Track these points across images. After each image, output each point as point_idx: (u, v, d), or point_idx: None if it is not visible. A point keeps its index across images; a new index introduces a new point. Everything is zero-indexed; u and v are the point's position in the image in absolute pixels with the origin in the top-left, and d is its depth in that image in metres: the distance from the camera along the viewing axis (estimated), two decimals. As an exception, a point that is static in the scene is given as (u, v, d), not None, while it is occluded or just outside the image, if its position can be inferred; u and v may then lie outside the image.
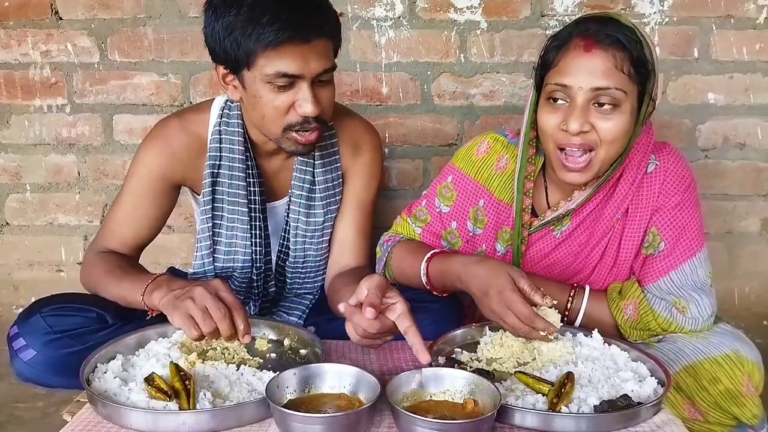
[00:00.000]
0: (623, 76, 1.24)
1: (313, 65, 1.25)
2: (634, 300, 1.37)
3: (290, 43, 1.21)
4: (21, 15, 2.12)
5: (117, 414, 0.98)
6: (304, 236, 1.50)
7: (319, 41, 1.25)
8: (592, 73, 1.24)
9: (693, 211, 1.38)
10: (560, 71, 1.27)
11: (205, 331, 1.10)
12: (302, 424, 0.92)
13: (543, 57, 1.32)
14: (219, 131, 1.42)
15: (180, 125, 1.45)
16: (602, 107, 1.25)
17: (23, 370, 1.30)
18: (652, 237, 1.39)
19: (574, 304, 1.40)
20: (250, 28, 1.21)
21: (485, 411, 0.97)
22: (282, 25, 1.20)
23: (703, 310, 1.35)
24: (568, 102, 1.27)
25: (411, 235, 1.54)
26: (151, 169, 1.43)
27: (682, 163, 1.40)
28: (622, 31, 1.25)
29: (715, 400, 1.24)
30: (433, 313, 1.35)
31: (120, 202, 1.46)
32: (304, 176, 1.47)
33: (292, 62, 1.23)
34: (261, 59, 1.23)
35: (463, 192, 1.49)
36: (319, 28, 1.25)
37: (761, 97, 2.11)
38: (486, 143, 1.49)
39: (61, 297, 1.39)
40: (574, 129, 1.25)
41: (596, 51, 1.24)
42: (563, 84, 1.26)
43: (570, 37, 1.27)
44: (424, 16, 2.09)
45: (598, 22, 1.27)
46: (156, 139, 1.45)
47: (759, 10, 2.06)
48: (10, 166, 2.23)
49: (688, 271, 1.36)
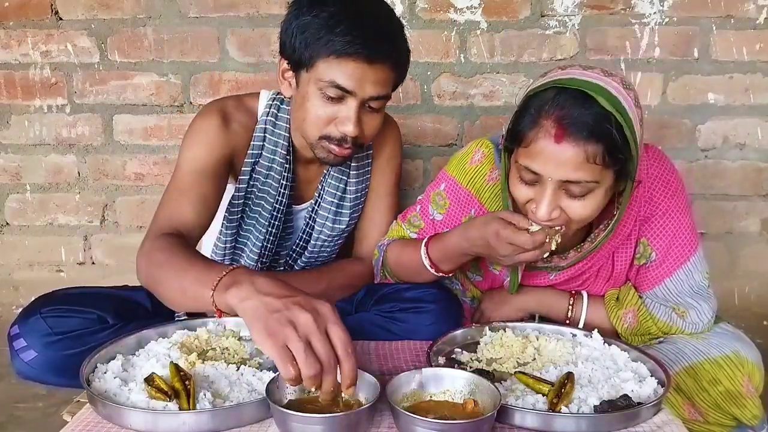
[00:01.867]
0: (596, 168, 1.13)
1: (368, 87, 1.27)
2: (633, 307, 1.37)
3: (353, 58, 1.24)
4: (21, 15, 2.13)
5: (117, 414, 0.98)
6: (326, 240, 1.56)
7: (381, 66, 1.27)
8: (561, 165, 1.13)
9: (682, 216, 1.35)
10: (530, 155, 1.17)
11: (306, 375, 0.89)
12: (302, 424, 0.92)
13: (513, 129, 1.21)
14: (264, 128, 1.46)
15: (236, 102, 1.48)
16: (572, 193, 1.17)
17: (24, 369, 1.30)
18: (643, 248, 1.37)
19: (574, 314, 1.40)
20: (323, 32, 1.24)
21: (485, 411, 0.96)
22: (352, 39, 1.23)
23: (704, 315, 1.35)
24: (537, 183, 1.19)
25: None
26: (210, 140, 1.41)
27: (666, 167, 1.35)
28: (597, 117, 1.11)
29: (715, 400, 1.24)
30: (433, 313, 1.35)
31: (176, 180, 1.38)
32: (338, 184, 1.53)
33: (349, 77, 1.26)
34: (321, 64, 1.26)
35: (455, 201, 1.46)
36: (386, 54, 1.27)
37: (761, 97, 2.11)
38: (480, 152, 1.43)
39: (62, 296, 1.37)
40: (542, 216, 1.18)
41: (566, 144, 1.12)
42: (533, 171, 1.17)
43: (541, 115, 1.15)
44: (424, 16, 2.09)
45: (574, 101, 1.13)
46: (214, 113, 1.43)
47: (759, 10, 2.06)
48: (10, 166, 2.23)
49: (683, 277, 1.36)
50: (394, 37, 1.30)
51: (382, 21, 1.30)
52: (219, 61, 2.13)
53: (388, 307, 1.41)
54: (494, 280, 1.50)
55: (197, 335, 1.23)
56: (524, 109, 1.19)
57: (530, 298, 1.45)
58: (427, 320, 1.34)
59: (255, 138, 1.46)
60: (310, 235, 1.57)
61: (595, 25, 2.07)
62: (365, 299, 1.50)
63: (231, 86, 2.14)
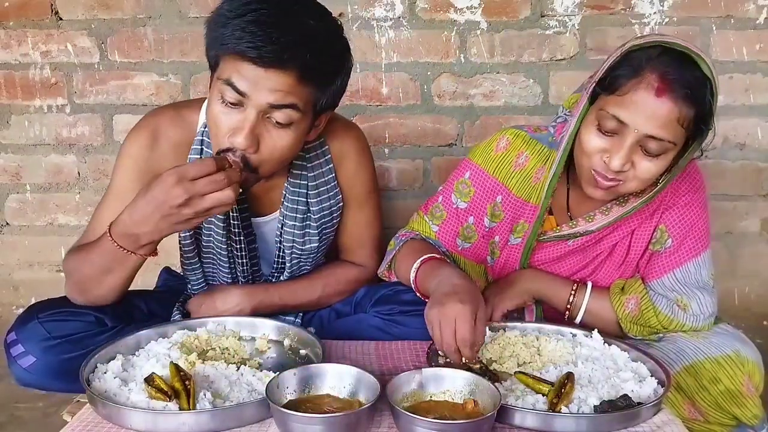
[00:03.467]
0: (681, 130, 1.19)
1: (263, 93, 1.14)
2: (636, 295, 1.38)
3: (249, 58, 1.12)
4: (21, 15, 2.12)
5: (117, 414, 0.98)
6: (299, 257, 1.46)
7: (278, 72, 1.13)
8: (653, 119, 1.17)
9: (701, 212, 1.40)
10: (622, 104, 1.19)
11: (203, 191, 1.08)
12: (302, 424, 0.92)
13: (609, 76, 1.22)
14: (202, 140, 1.35)
15: (171, 118, 1.37)
16: (648, 150, 1.21)
17: (23, 375, 1.28)
18: (660, 233, 1.40)
19: (576, 300, 1.40)
20: (219, 26, 1.15)
21: (485, 411, 0.97)
22: (250, 38, 1.11)
23: (705, 308, 1.35)
24: (617, 134, 1.21)
25: (427, 233, 1.52)
26: (134, 164, 1.34)
27: (693, 164, 1.40)
28: (698, 82, 1.17)
29: (716, 400, 1.24)
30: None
31: (102, 205, 1.36)
32: (297, 198, 1.40)
33: (243, 78, 1.14)
34: (222, 62, 1.17)
35: (481, 188, 1.46)
36: (284, 61, 1.13)
37: (761, 97, 2.11)
38: (506, 139, 1.45)
39: (58, 301, 1.35)
40: (615, 167, 1.21)
41: (666, 99, 1.16)
42: (620, 120, 1.19)
43: (644, 68, 1.18)
44: (424, 17, 2.09)
45: (679, 62, 1.17)
46: (144, 130, 1.36)
47: (759, 10, 2.06)
48: (10, 166, 2.23)
49: (692, 270, 1.38)
50: (302, 46, 1.13)
51: (293, 26, 1.14)
52: (219, 61, 2.13)
53: (388, 309, 1.41)
54: (508, 259, 1.49)
55: (197, 335, 1.23)
56: (625, 60, 1.22)
57: (534, 283, 1.45)
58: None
59: (193, 150, 1.35)
60: (284, 252, 1.46)
61: (595, 25, 2.07)
62: (364, 300, 1.49)
63: (231, 86, 2.13)
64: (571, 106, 1.39)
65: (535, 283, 1.45)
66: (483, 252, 1.49)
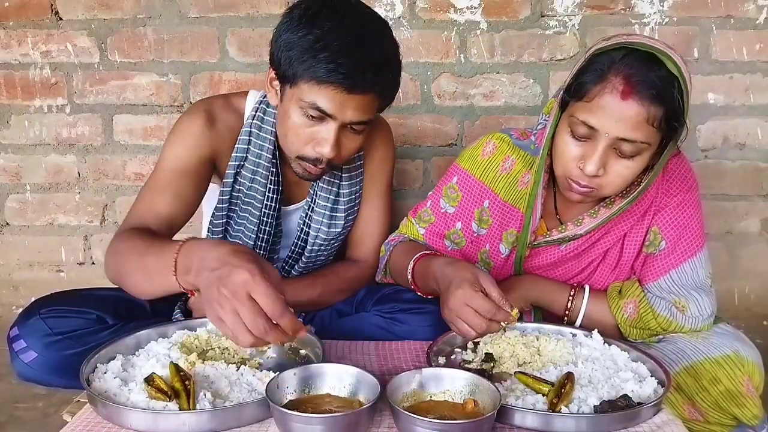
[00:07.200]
0: (652, 130, 1.18)
1: (350, 114, 1.25)
2: (634, 299, 1.38)
3: (333, 86, 1.22)
4: (21, 15, 2.13)
5: (117, 414, 0.98)
6: (322, 243, 1.54)
7: (363, 95, 1.25)
8: (622, 122, 1.17)
9: (694, 211, 1.39)
10: (590, 110, 1.20)
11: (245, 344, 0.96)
12: (302, 424, 0.92)
13: (576, 82, 1.23)
14: (250, 131, 1.45)
15: (223, 102, 1.47)
16: (622, 152, 1.21)
17: (24, 370, 1.31)
18: (653, 236, 1.39)
19: (575, 305, 1.40)
20: (307, 55, 1.21)
21: (485, 411, 0.97)
22: (335, 67, 1.20)
23: (703, 309, 1.35)
24: (589, 140, 1.23)
25: (415, 236, 1.54)
26: (194, 139, 1.40)
27: (684, 164, 1.40)
28: (664, 81, 1.16)
29: (716, 400, 1.24)
30: (433, 314, 1.34)
31: (154, 178, 1.39)
32: (330, 188, 1.51)
33: (330, 102, 1.24)
34: (304, 85, 1.24)
35: (468, 192, 1.47)
36: (369, 85, 1.24)
37: (761, 97, 2.11)
38: (492, 144, 1.47)
39: (61, 297, 1.38)
40: (590, 171, 1.22)
41: (632, 101, 1.16)
42: (590, 125, 1.20)
43: (609, 72, 1.18)
44: (424, 17, 2.09)
45: (644, 63, 1.17)
46: (201, 111, 1.43)
47: (759, 11, 2.06)
48: (10, 166, 2.23)
49: (688, 271, 1.37)
50: (381, 68, 1.25)
51: (371, 50, 1.24)
52: (219, 61, 2.13)
53: (389, 307, 1.42)
54: (501, 269, 1.50)
55: (197, 335, 1.23)
56: (590, 65, 1.22)
57: (532, 288, 1.45)
58: (427, 321, 1.34)
59: (240, 140, 1.44)
60: (306, 240, 1.55)
61: (595, 25, 2.07)
62: (365, 299, 1.50)
63: (231, 86, 2.14)
64: (549, 111, 1.40)
65: (532, 289, 1.45)
66: (473, 258, 1.49)
